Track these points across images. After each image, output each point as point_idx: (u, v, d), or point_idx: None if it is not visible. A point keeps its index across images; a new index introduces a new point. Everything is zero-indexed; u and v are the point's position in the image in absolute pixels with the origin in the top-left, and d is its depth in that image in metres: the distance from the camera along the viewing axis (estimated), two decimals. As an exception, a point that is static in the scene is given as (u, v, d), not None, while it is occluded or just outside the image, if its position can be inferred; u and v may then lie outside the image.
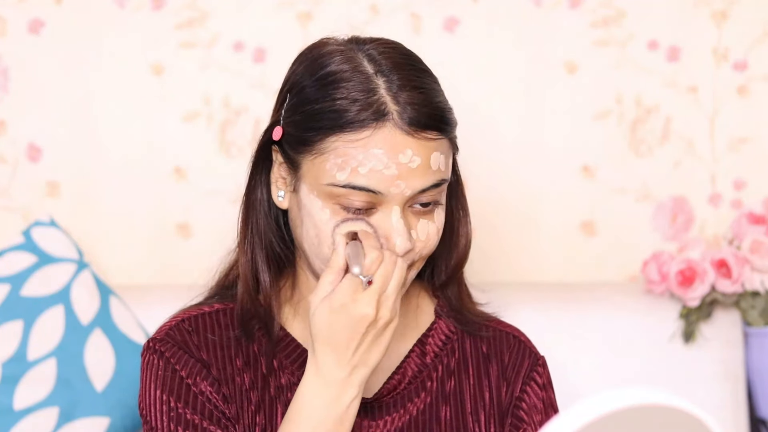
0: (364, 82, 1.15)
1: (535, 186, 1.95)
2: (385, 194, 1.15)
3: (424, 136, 1.15)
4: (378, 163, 1.14)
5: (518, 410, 1.26)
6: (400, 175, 1.14)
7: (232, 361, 1.23)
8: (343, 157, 1.14)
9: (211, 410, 1.20)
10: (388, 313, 1.13)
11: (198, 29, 1.92)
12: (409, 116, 1.15)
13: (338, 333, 1.12)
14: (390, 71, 1.17)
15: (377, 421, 1.23)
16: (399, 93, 1.15)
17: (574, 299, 1.81)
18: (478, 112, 1.93)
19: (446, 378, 1.27)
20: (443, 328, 1.29)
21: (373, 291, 1.12)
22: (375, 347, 1.14)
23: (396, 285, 1.13)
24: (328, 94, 1.16)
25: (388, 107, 1.14)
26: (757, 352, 1.82)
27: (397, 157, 1.14)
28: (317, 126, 1.16)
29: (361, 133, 1.14)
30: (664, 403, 0.83)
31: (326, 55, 1.19)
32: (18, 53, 1.91)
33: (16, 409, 1.66)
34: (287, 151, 1.19)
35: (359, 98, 1.14)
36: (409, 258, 1.18)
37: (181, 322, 1.25)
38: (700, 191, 1.96)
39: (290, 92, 1.20)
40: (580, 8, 1.93)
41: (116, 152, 1.92)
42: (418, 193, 1.16)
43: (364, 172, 1.14)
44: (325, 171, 1.15)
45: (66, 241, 1.78)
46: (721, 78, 1.95)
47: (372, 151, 1.14)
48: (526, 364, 1.28)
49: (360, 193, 1.15)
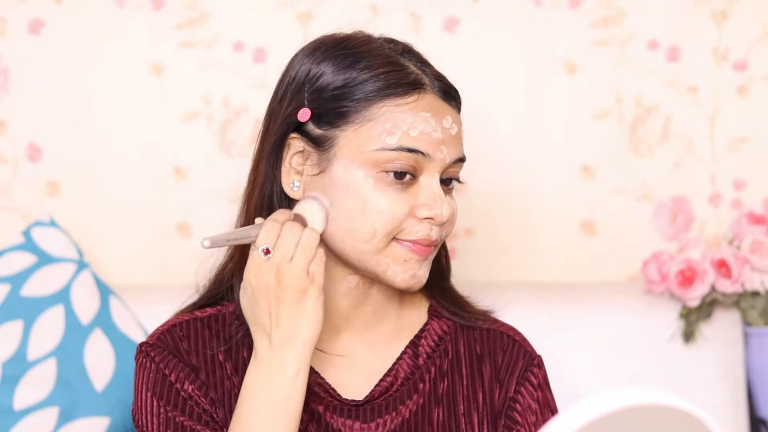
0: (391, 57, 1.20)
1: (535, 186, 1.95)
2: (431, 157, 1.18)
3: (454, 106, 1.22)
4: (427, 125, 1.18)
5: (512, 411, 1.26)
6: (444, 140, 1.19)
7: (221, 366, 1.23)
8: (392, 121, 1.17)
9: (199, 414, 1.20)
10: (294, 282, 1.13)
11: (198, 29, 1.92)
12: (440, 86, 1.21)
13: (254, 310, 1.15)
14: (407, 52, 1.23)
15: (369, 423, 1.23)
16: (423, 67, 1.22)
17: (574, 299, 1.81)
18: (477, 113, 1.93)
19: (439, 379, 1.27)
20: (436, 328, 1.29)
21: (273, 261, 1.14)
22: (300, 318, 1.14)
23: (302, 253, 1.14)
24: (364, 67, 1.19)
25: (423, 78, 1.20)
26: (757, 352, 1.82)
27: (441, 122, 1.19)
28: (358, 96, 1.18)
29: (408, 97, 1.18)
30: (664, 403, 0.83)
31: (343, 39, 1.22)
32: (18, 53, 1.91)
33: (16, 409, 1.66)
34: (314, 132, 1.19)
35: (396, 69, 1.19)
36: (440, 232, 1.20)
37: (173, 327, 1.25)
38: (700, 191, 1.96)
39: (308, 81, 1.20)
40: (580, 8, 1.93)
41: (116, 152, 1.92)
42: (450, 165, 1.20)
43: (415, 134, 1.17)
44: (372, 137, 1.17)
45: (66, 241, 1.78)
46: (721, 78, 1.95)
47: (421, 114, 1.18)
48: (520, 364, 1.28)
49: (409, 156, 1.17)
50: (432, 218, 1.18)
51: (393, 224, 1.17)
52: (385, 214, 1.17)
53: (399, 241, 1.18)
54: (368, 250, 1.18)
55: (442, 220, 1.18)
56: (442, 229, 1.20)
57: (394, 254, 1.18)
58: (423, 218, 1.18)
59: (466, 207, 1.92)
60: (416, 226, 1.18)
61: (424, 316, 1.30)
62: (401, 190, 1.17)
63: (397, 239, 1.18)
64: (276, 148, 1.22)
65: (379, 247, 1.18)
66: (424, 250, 1.19)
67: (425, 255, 1.20)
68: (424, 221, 1.18)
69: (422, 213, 1.18)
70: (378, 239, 1.17)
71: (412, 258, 1.19)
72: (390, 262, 1.18)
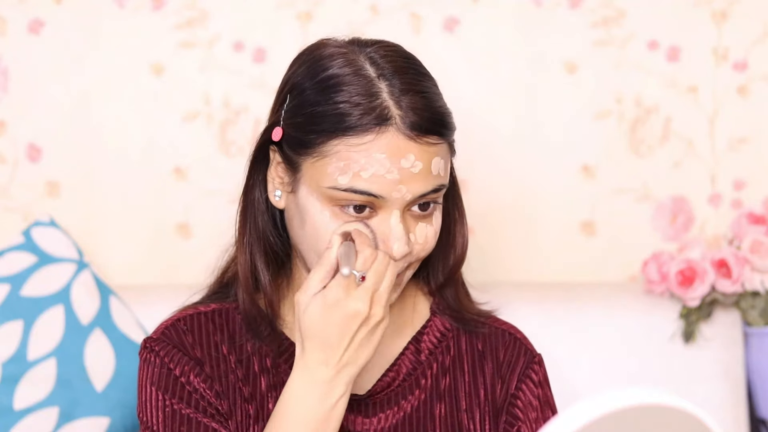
0: (367, 85, 1.15)
1: (535, 186, 1.95)
2: (386, 198, 1.15)
3: (425, 141, 1.15)
4: (380, 167, 1.14)
5: (513, 408, 1.26)
6: (402, 180, 1.14)
7: (225, 359, 1.24)
8: (345, 160, 1.14)
9: (205, 407, 1.21)
10: (381, 311, 1.12)
11: (198, 29, 1.92)
12: (411, 121, 1.15)
13: (330, 329, 1.12)
14: (392, 75, 1.16)
15: (371, 418, 1.24)
16: (401, 97, 1.15)
17: (574, 299, 1.81)
18: (478, 113, 1.93)
19: (441, 375, 1.27)
20: (438, 325, 1.29)
21: (367, 287, 1.12)
22: (365, 346, 1.13)
23: (388, 284, 1.13)
24: (330, 97, 1.15)
25: (391, 112, 1.14)
26: (757, 352, 1.82)
27: (399, 162, 1.14)
28: (319, 129, 1.15)
29: (364, 137, 1.14)
30: (664, 403, 0.83)
31: (327, 57, 1.18)
32: (18, 53, 1.91)
33: (16, 409, 1.66)
34: (287, 152, 1.19)
35: (362, 102, 1.14)
36: (406, 261, 1.19)
37: (177, 322, 1.25)
38: (700, 191, 1.96)
39: (290, 93, 1.20)
40: (580, 8, 1.93)
41: (116, 152, 1.92)
42: (418, 198, 1.16)
43: (367, 176, 1.14)
44: (326, 174, 1.15)
45: (66, 241, 1.78)
46: (721, 78, 1.95)
47: (375, 156, 1.14)
48: (521, 361, 1.28)
49: (361, 197, 1.15)
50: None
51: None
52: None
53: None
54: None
55: (397, 257, 1.16)
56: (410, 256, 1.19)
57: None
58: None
59: (466, 207, 1.92)
60: None
61: (426, 313, 1.30)
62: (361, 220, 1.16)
63: None
64: (260, 154, 1.23)
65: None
66: None
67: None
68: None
69: (380, 246, 1.17)
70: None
71: None
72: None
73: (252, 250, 1.24)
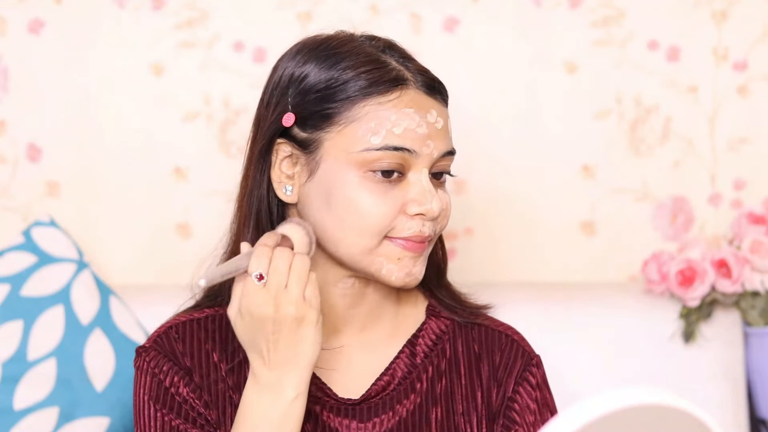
0: (373, 55, 1.20)
1: (535, 186, 1.95)
2: (418, 153, 1.17)
3: (438, 100, 1.21)
4: (411, 122, 1.17)
5: (510, 411, 1.25)
6: (430, 135, 1.18)
7: (216, 367, 1.24)
8: (376, 120, 1.17)
9: (195, 417, 1.21)
10: (292, 309, 1.12)
11: (198, 29, 1.92)
12: (423, 80, 1.20)
13: (252, 337, 1.13)
14: (389, 48, 1.22)
15: (366, 423, 1.23)
16: (406, 62, 1.21)
17: (574, 299, 1.81)
18: (478, 112, 1.93)
19: (437, 379, 1.26)
20: (434, 327, 1.28)
21: (268, 289, 1.12)
22: (299, 345, 1.13)
23: (297, 280, 1.13)
24: (346, 66, 1.18)
25: (405, 74, 1.19)
26: (757, 352, 1.82)
27: (426, 117, 1.18)
28: (343, 96, 1.18)
29: (390, 94, 1.17)
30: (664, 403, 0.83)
31: (324, 40, 1.22)
32: (18, 53, 1.91)
33: (16, 409, 1.66)
34: (299, 136, 1.20)
35: (377, 67, 1.18)
36: (433, 227, 1.20)
37: (169, 330, 1.25)
38: (700, 191, 1.96)
39: (293, 82, 1.21)
40: (580, 8, 1.93)
41: (116, 152, 1.92)
42: (439, 159, 1.19)
43: (399, 132, 1.17)
44: (357, 138, 1.17)
45: (66, 241, 1.78)
46: (721, 78, 1.95)
47: (404, 111, 1.17)
48: (518, 364, 1.27)
49: (395, 155, 1.17)
50: (423, 214, 1.18)
51: (383, 223, 1.17)
52: (374, 214, 1.16)
53: (391, 239, 1.18)
54: (361, 251, 1.18)
55: (433, 215, 1.18)
56: (435, 223, 1.20)
57: (387, 253, 1.18)
58: (414, 215, 1.18)
59: (466, 207, 1.93)
60: (407, 223, 1.18)
61: (421, 315, 1.30)
62: (390, 188, 1.17)
63: (389, 237, 1.18)
64: (264, 153, 1.22)
65: (371, 247, 1.17)
66: (417, 247, 1.19)
67: (419, 251, 1.19)
68: (416, 217, 1.18)
69: (413, 209, 1.18)
70: (369, 239, 1.17)
71: (406, 255, 1.18)
72: (384, 261, 1.18)
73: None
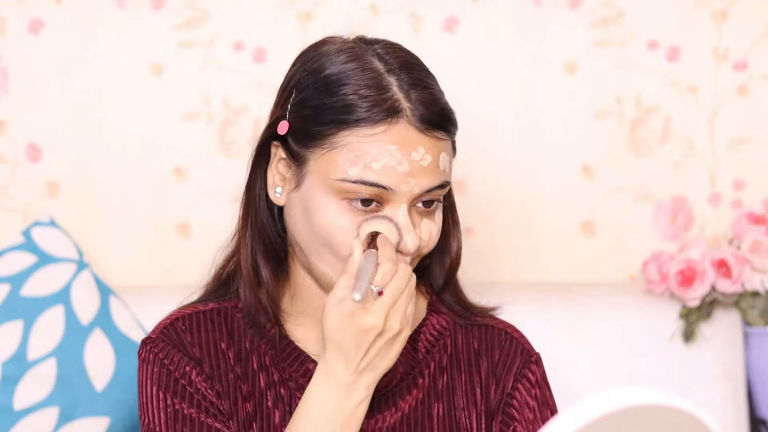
0: (376, 78, 1.16)
1: (535, 186, 1.95)
2: (395, 191, 1.15)
3: (434, 135, 1.16)
4: (391, 159, 1.14)
5: (509, 408, 1.25)
6: (412, 173, 1.15)
7: (225, 356, 1.24)
8: (356, 152, 1.14)
9: (207, 407, 1.21)
10: (397, 324, 1.13)
11: (198, 29, 1.92)
12: (421, 114, 1.16)
13: (347, 340, 1.13)
14: (400, 70, 1.18)
15: (368, 419, 1.23)
16: (410, 91, 1.16)
17: (574, 299, 1.81)
18: (478, 112, 1.93)
19: (439, 375, 1.26)
20: (435, 323, 1.29)
21: (383, 303, 1.13)
22: (385, 354, 1.14)
23: (407, 297, 1.14)
24: (341, 89, 1.16)
25: (402, 104, 1.15)
26: (757, 352, 1.82)
27: (410, 154, 1.15)
28: (329, 120, 1.16)
29: (375, 128, 1.15)
30: (664, 403, 0.83)
31: (335, 52, 1.19)
32: (18, 53, 1.91)
33: (16, 409, 1.66)
34: (292, 146, 1.19)
35: (373, 94, 1.15)
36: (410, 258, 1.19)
37: (176, 321, 1.25)
38: (700, 191, 1.96)
39: (296, 88, 1.20)
40: (580, 8, 1.93)
41: (116, 152, 1.92)
42: (425, 192, 1.17)
43: (377, 168, 1.14)
44: (336, 166, 1.15)
45: (66, 241, 1.78)
46: (721, 78, 1.95)
47: (386, 147, 1.14)
48: (518, 361, 1.27)
49: (370, 190, 1.15)
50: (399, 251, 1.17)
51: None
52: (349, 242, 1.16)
53: None
54: (335, 271, 1.18)
55: (407, 252, 1.17)
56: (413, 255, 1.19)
57: None
58: None
59: (466, 207, 1.92)
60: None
61: (423, 312, 1.30)
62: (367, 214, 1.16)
63: None
64: (263, 150, 1.23)
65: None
66: None
67: None
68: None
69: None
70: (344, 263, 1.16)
71: None
72: None
73: (253, 245, 1.25)
